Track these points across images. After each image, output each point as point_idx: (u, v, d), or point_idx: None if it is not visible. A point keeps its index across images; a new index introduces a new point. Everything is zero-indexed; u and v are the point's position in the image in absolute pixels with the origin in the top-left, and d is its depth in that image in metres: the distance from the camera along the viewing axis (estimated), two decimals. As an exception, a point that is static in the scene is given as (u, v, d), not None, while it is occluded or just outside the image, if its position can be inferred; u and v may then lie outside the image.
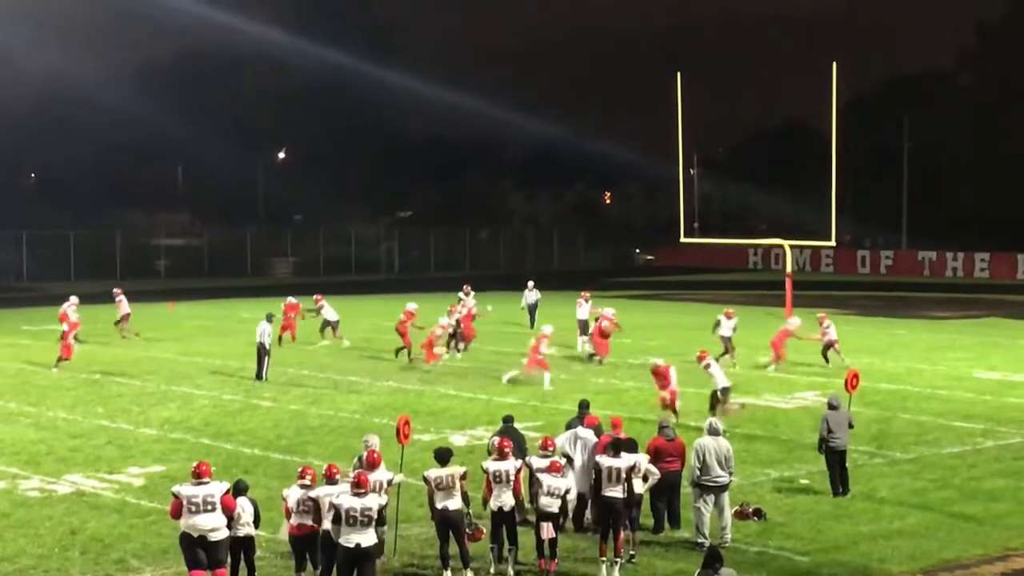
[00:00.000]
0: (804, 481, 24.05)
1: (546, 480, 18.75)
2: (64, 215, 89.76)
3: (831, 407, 23.36)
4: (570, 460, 20.35)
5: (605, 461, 19.10)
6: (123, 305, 48.99)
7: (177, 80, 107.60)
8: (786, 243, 60.23)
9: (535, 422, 29.01)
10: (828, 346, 40.23)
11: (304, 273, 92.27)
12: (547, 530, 18.58)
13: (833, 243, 58.58)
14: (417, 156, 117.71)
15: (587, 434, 21.06)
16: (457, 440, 27.77)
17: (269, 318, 38.75)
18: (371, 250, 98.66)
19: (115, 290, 49.92)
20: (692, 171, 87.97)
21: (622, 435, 20.59)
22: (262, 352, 37.60)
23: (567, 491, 18.84)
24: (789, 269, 59.10)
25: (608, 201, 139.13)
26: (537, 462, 19.33)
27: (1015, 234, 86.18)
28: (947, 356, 38.54)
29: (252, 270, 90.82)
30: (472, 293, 47.26)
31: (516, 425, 22.32)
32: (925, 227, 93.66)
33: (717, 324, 40.59)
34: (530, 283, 51.71)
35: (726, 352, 39.57)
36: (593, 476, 19.53)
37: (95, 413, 32.18)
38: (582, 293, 46.42)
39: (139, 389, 36.14)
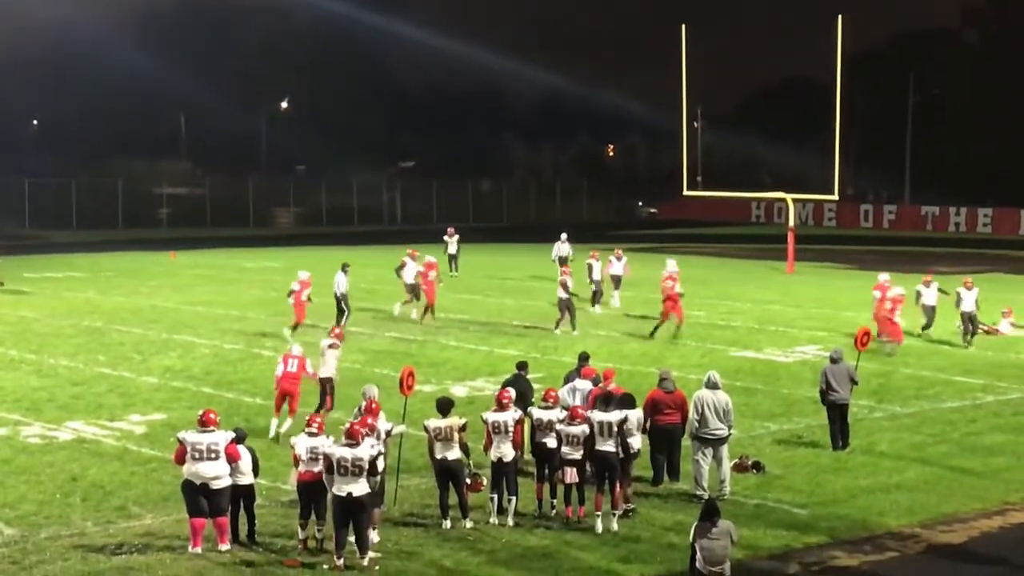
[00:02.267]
0: (804, 435, 24.09)
1: (564, 429, 18.86)
2: (66, 164, 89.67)
3: (832, 361, 23.37)
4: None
5: (596, 415, 19.12)
6: None
7: (179, 29, 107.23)
8: (789, 196, 60.19)
9: (537, 373, 28.90)
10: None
11: (306, 223, 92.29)
12: (570, 475, 18.76)
13: (836, 197, 58.50)
14: (420, 106, 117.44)
15: (584, 385, 21.20)
16: (458, 391, 27.80)
17: (345, 268, 38.30)
18: (374, 200, 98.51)
19: None
20: (696, 124, 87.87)
21: (613, 387, 20.66)
22: (342, 303, 37.53)
23: (587, 437, 18.89)
24: (791, 223, 59.11)
25: (611, 154, 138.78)
26: (540, 413, 19.37)
27: (1019, 190, 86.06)
28: (949, 311, 38.42)
29: (254, 220, 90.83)
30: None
31: (510, 377, 22.42)
32: (929, 182, 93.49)
33: (918, 295, 36.49)
34: (563, 235, 50.59)
35: (928, 325, 36.13)
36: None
37: (96, 361, 32.25)
38: (615, 250, 45.59)
39: (140, 337, 36.20)
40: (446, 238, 54.33)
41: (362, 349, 34.04)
